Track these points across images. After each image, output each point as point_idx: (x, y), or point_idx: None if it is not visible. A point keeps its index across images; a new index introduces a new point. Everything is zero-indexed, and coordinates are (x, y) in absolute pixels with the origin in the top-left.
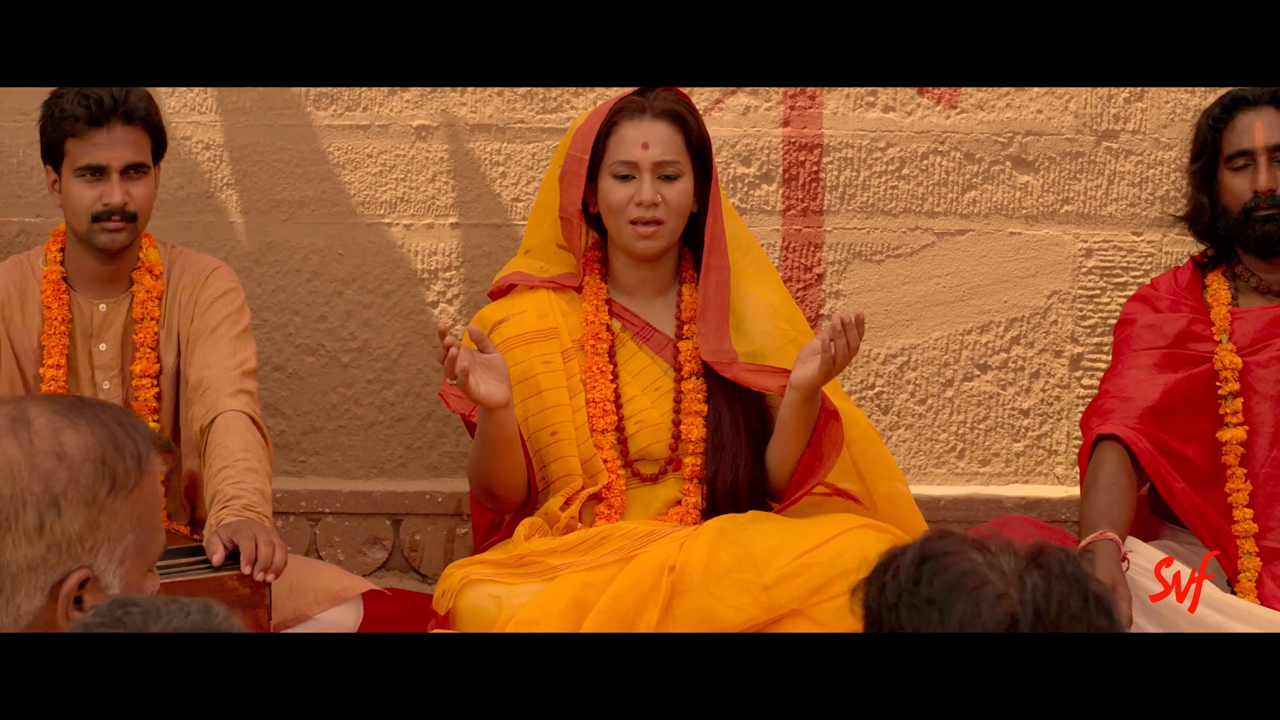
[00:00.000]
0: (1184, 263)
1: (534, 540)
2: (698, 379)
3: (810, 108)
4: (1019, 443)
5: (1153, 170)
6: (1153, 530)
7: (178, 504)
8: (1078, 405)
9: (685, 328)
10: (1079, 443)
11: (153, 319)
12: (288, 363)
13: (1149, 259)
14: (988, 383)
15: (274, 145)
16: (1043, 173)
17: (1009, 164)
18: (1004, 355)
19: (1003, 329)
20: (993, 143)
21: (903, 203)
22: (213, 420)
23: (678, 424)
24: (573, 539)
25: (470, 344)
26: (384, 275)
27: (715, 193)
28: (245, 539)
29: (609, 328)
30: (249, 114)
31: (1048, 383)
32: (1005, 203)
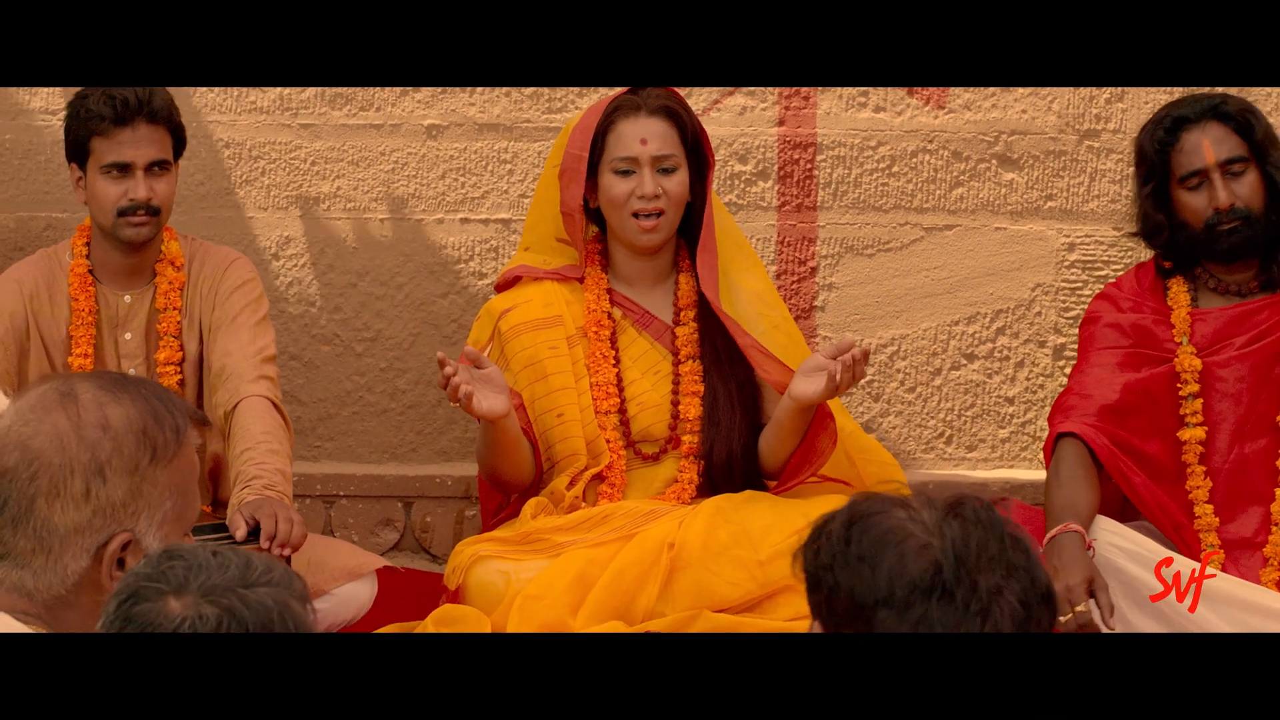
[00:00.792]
0: (1148, 262)
1: (540, 519)
2: (694, 362)
3: (804, 108)
4: (1004, 429)
5: (1132, 168)
6: (1126, 522)
7: (201, 485)
8: (1060, 393)
9: (682, 314)
10: None
11: (175, 309)
12: (304, 352)
13: (1129, 253)
14: (974, 371)
15: (291, 144)
16: (1027, 170)
17: (995, 162)
18: (990, 345)
19: (989, 320)
20: (979, 141)
21: (893, 199)
22: (236, 405)
23: (676, 404)
24: (577, 517)
25: (467, 363)
26: (396, 268)
27: (710, 182)
28: (266, 516)
29: (610, 315)
30: (268, 114)
31: (1032, 371)
32: (991, 199)
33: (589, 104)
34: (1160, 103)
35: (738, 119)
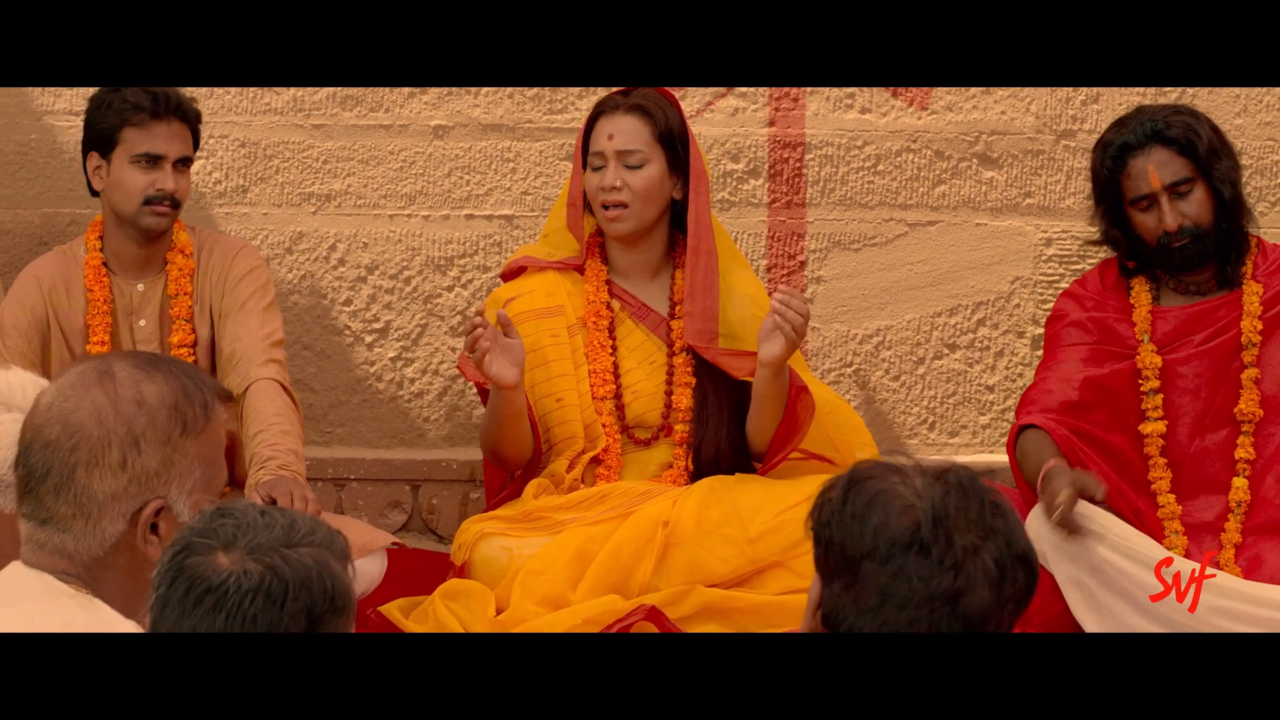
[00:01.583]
0: (1112, 259)
1: (541, 498)
2: (687, 354)
3: (794, 109)
4: (985, 416)
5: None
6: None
7: None
8: (1026, 389)
9: (677, 308)
10: None
11: (186, 294)
12: (316, 342)
13: (1104, 249)
14: (956, 361)
15: (303, 143)
16: (1006, 169)
17: (975, 161)
18: (971, 336)
19: (970, 312)
20: (960, 141)
21: (878, 196)
22: (247, 389)
23: (669, 394)
24: (576, 497)
25: (497, 326)
26: (404, 262)
27: (695, 183)
28: (281, 493)
29: (609, 306)
30: (281, 115)
31: (1011, 361)
32: (972, 196)
33: (588, 106)
34: (1134, 104)
35: (730, 120)
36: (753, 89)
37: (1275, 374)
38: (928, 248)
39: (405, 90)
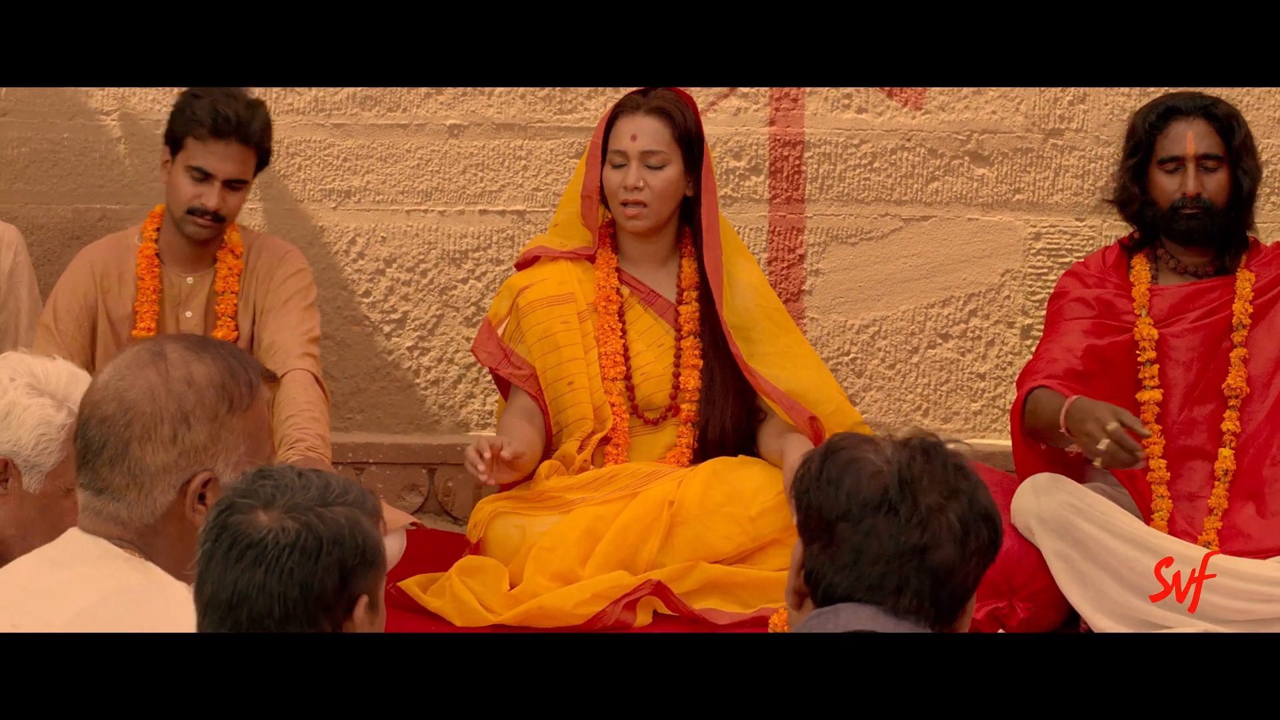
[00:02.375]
0: (1113, 244)
1: (552, 479)
2: (695, 338)
3: (793, 109)
4: (976, 403)
5: (1094, 164)
6: (1087, 475)
7: None
8: (1029, 361)
9: (685, 294)
10: None
11: (233, 292)
12: (336, 332)
13: (1090, 242)
14: (949, 350)
15: (325, 142)
16: (997, 166)
17: (967, 158)
18: (963, 326)
19: (962, 303)
20: (953, 140)
21: (874, 192)
22: (281, 377)
23: (677, 375)
24: (585, 478)
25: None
26: (420, 255)
27: (707, 182)
28: None
29: (619, 292)
30: (304, 115)
31: (1001, 350)
32: (964, 192)
33: (596, 106)
34: (1119, 105)
35: (732, 119)
36: (754, 90)
37: (1262, 357)
38: (922, 242)
39: (422, 91)
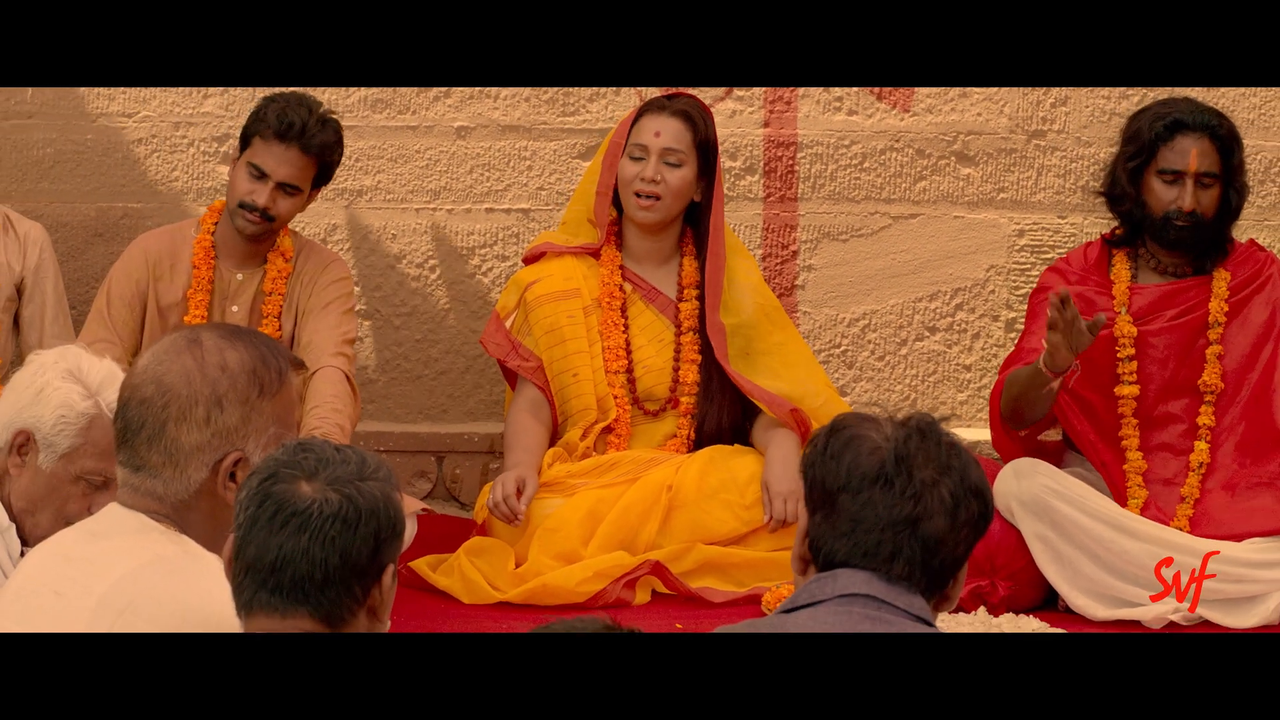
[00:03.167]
0: (1096, 239)
1: (557, 465)
2: (694, 334)
3: (786, 111)
4: (962, 393)
5: (1075, 164)
6: (1064, 463)
7: None
8: (1010, 352)
9: (685, 292)
10: None
11: (279, 293)
12: None
13: (1071, 239)
14: (936, 343)
15: None
16: (982, 166)
17: (953, 159)
18: (950, 319)
19: (948, 297)
20: (940, 140)
21: (864, 191)
22: (314, 372)
23: (677, 369)
24: (588, 464)
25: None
26: (429, 252)
27: (718, 190)
28: None
29: (622, 288)
30: None
31: (986, 343)
32: (950, 191)
33: (598, 109)
34: (1099, 107)
35: (728, 121)
36: (749, 93)
37: (1236, 353)
38: (910, 239)
39: (431, 94)
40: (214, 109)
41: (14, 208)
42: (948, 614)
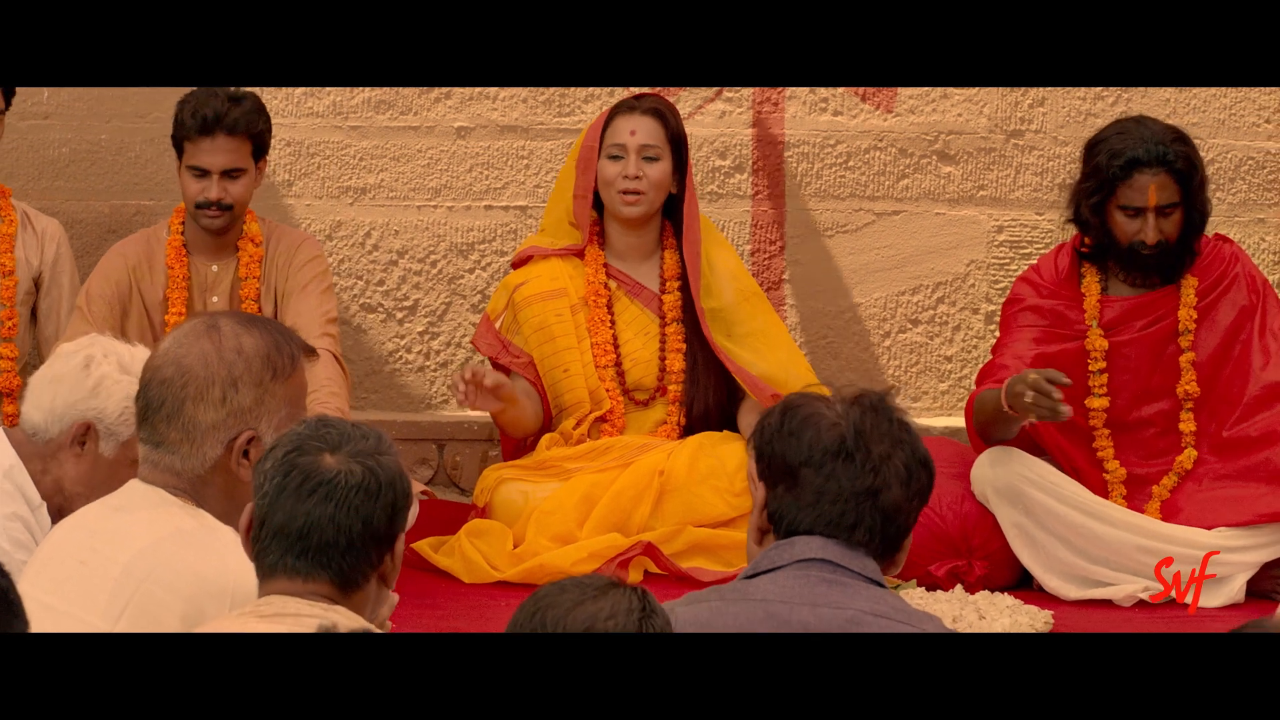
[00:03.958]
0: (1066, 247)
1: (553, 450)
2: (678, 324)
3: (774, 112)
4: (944, 383)
5: (1052, 162)
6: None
7: None
8: (984, 365)
9: (667, 284)
10: None
11: (255, 278)
12: (353, 318)
13: (1049, 235)
14: (918, 335)
15: (342, 143)
16: (962, 164)
17: (935, 157)
18: (931, 312)
19: (930, 291)
20: (921, 140)
21: (849, 189)
22: None
23: (663, 359)
24: (583, 449)
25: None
26: (430, 248)
27: (690, 181)
28: None
29: (607, 286)
30: (322, 117)
31: (967, 335)
32: (932, 189)
33: (593, 110)
34: (1075, 108)
35: (718, 121)
36: (738, 94)
37: (1206, 355)
38: (893, 234)
39: (432, 95)
40: None
41: (31, 205)
42: (925, 590)
